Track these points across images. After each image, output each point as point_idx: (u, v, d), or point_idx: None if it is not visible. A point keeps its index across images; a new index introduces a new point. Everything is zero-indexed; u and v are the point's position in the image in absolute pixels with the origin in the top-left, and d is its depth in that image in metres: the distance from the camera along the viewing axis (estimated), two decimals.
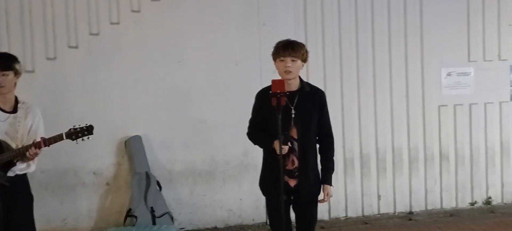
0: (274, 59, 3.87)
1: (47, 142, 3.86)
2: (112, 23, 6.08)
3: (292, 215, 4.04)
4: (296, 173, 3.89)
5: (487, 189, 7.11)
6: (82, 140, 3.97)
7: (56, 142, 3.91)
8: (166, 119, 6.25)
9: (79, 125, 3.98)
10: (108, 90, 6.10)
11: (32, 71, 5.89)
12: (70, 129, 3.95)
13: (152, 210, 5.75)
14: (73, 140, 3.96)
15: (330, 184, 3.95)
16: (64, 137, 3.91)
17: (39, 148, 3.83)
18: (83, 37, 6.04)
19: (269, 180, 3.91)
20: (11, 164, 3.89)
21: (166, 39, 6.21)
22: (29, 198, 4.13)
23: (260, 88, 4.01)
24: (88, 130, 3.98)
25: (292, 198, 3.93)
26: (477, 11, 6.91)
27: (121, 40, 6.11)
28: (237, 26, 6.37)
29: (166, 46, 6.21)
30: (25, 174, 4.05)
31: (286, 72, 3.78)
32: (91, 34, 6.05)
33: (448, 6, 6.84)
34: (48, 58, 5.99)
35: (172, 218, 5.93)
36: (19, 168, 3.95)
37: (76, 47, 6.04)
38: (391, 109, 6.78)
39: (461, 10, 6.88)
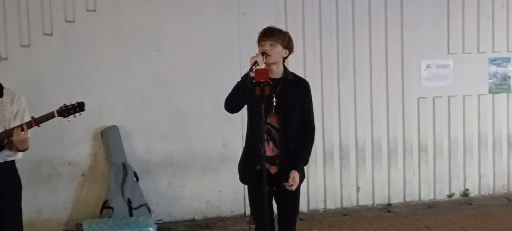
0: (258, 46, 3.85)
1: (38, 120, 3.78)
2: (88, 10, 5.96)
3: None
4: (277, 161, 3.85)
5: (465, 181, 7.17)
6: (74, 117, 3.91)
7: (48, 120, 3.83)
8: (143, 109, 6.17)
9: (70, 102, 3.91)
10: (84, 79, 5.98)
11: (6, 59, 5.70)
12: (62, 106, 3.89)
13: (129, 202, 5.68)
14: (65, 117, 3.89)
15: (298, 171, 3.81)
16: (56, 115, 3.85)
17: (30, 127, 3.74)
18: (58, 24, 5.90)
19: (249, 166, 3.89)
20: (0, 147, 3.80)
21: (144, 27, 6.11)
22: (19, 185, 4.04)
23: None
24: (79, 107, 3.92)
25: (274, 189, 3.89)
26: (457, 4, 6.93)
27: (97, 28, 5.99)
28: (216, 15, 6.29)
29: (144, 35, 6.11)
30: (13, 161, 3.96)
31: (263, 54, 3.72)
32: (67, 21, 5.92)
33: None
34: (22, 46, 5.85)
35: (149, 210, 5.86)
36: (7, 154, 3.85)
37: (51, 34, 5.90)
38: (370, 101, 6.79)
39: (441, 3, 6.89)
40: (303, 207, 6.56)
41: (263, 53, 3.71)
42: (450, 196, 7.11)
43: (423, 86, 6.93)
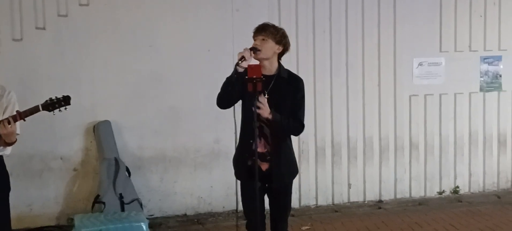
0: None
1: (23, 114, 3.77)
2: (81, 5, 5.93)
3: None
4: (268, 157, 3.86)
5: (455, 178, 7.21)
6: (59, 110, 3.90)
7: (33, 114, 3.83)
8: (136, 104, 6.16)
9: (56, 96, 3.90)
10: (76, 74, 5.96)
11: None
12: (47, 100, 3.88)
13: (120, 197, 5.67)
14: (50, 111, 3.88)
15: (274, 115, 3.71)
16: (41, 108, 3.84)
17: (15, 121, 3.73)
18: (51, 19, 5.87)
19: (241, 161, 3.91)
20: None
21: (138, 22, 6.09)
22: (6, 179, 4.02)
23: None
24: (65, 101, 3.91)
25: (266, 185, 3.91)
26: (450, 2, 6.96)
27: (90, 23, 5.97)
28: (210, 11, 6.29)
29: (137, 30, 6.10)
30: (1, 156, 3.95)
31: (252, 49, 3.72)
32: (60, 15, 5.89)
33: None
34: (14, 40, 5.81)
35: (141, 205, 5.85)
36: None
37: (44, 28, 5.87)
38: (363, 98, 6.81)
39: (433, 1, 6.91)
40: (294, 203, 6.54)
41: (253, 49, 3.71)
42: (440, 193, 7.15)
43: (415, 84, 6.96)
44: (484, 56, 7.17)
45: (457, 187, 7.20)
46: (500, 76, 7.23)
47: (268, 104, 3.74)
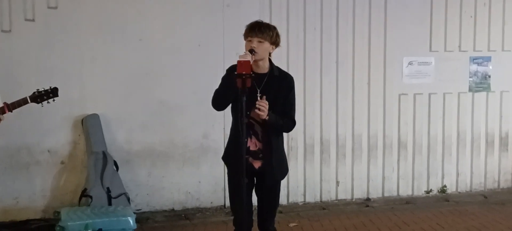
0: (244, 39, 3.85)
1: (11, 106, 3.74)
2: None
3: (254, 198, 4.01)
4: (260, 155, 3.87)
5: (443, 177, 7.24)
6: (48, 102, 3.87)
7: (20, 106, 3.81)
8: (125, 98, 6.13)
9: (43, 88, 3.87)
10: (65, 66, 5.92)
11: None
12: (35, 92, 3.86)
13: (108, 191, 5.64)
14: (38, 102, 3.87)
15: (270, 117, 3.72)
16: (29, 100, 3.82)
17: (3, 113, 3.70)
18: (40, 10, 5.82)
19: (232, 157, 3.90)
20: None
21: (127, 16, 6.06)
22: None
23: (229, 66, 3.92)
24: (53, 92, 3.90)
25: (255, 182, 3.90)
26: (440, 2, 6.97)
27: (80, 15, 5.93)
28: (201, 6, 6.26)
29: (127, 23, 6.07)
30: None
31: (251, 51, 3.71)
32: (49, 7, 5.84)
33: None
34: (3, 31, 5.76)
35: (128, 199, 5.84)
36: None
37: (33, 20, 5.82)
38: (352, 96, 6.82)
39: (424, 1, 6.93)
40: (282, 200, 6.58)
41: (251, 51, 3.70)
42: (428, 192, 7.19)
43: (404, 83, 6.98)
44: (474, 56, 7.21)
45: (445, 186, 7.24)
46: (489, 77, 7.27)
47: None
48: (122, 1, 6.04)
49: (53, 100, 3.92)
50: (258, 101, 3.66)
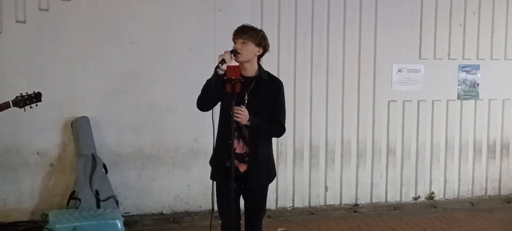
0: (233, 44, 3.87)
1: None
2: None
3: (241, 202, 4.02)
4: (246, 158, 3.87)
5: (431, 184, 7.30)
6: (30, 107, 3.87)
7: (2, 110, 3.79)
8: (115, 101, 6.13)
9: (26, 92, 3.87)
10: (56, 69, 5.91)
11: None
12: (17, 96, 3.86)
13: (96, 193, 5.64)
14: (20, 107, 3.86)
15: (252, 121, 3.72)
16: (11, 105, 3.80)
17: None
18: (31, 12, 5.81)
19: (219, 163, 3.91)
20: None
21: (119, 19, 6.06)
22: None
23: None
24: (36, 97, 3.89)
25: (242, 186, 3.92)
26: (430, 10, 7.03)
27: (71, 17, 5.92)
28: (192, 10, 6.28)
29: (119, 26, 6.07)
30: None
31: (233, 52, 3.74)
32: (41, 9, 5.83)
33: (402, 4, 6.94)
34: None
35: (117, 202, 5.83)
36: None
37: (24, 22, 5.80)
38: (342, 102, 6.85)
39: (414, 9, 6.99)
40: (271, 204, 6.60)
41: (233, 51, 3.73)
42: (416, 198, 7.23)
43: (394, 90, 7.02)
44: (463, 64, 7.27)
45: (432, 193, 7.29)
46: (478, 85, 7.34)
47: (248, 106, 3.76)
48: (114, 4, 6.04)
49: (36, 105, 3.90)
50: (235, 107, 3.65)
